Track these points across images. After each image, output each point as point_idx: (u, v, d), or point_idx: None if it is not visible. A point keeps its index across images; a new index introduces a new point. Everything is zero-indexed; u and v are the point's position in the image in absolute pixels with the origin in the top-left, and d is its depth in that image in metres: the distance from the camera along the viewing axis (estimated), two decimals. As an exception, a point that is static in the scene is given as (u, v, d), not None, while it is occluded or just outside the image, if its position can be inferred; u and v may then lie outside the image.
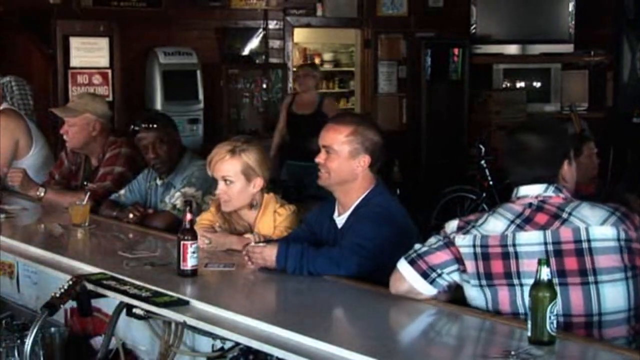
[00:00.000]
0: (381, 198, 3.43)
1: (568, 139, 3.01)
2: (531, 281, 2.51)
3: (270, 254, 3.29)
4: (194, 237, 3.29)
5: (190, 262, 3.27)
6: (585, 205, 2.79)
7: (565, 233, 2.74)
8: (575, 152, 3.04)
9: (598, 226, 2.72)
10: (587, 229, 2.72)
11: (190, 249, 3.27)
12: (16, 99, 6.62)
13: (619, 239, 2.71)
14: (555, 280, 2.56)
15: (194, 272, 3.27)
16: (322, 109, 7.75)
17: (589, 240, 2.72)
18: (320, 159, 3.42)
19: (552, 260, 2.68)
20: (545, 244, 2.75)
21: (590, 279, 2.71)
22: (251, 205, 3.79)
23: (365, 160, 3.39)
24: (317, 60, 12.15)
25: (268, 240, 3.49)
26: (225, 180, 3.74)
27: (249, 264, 3.38)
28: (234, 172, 3.73)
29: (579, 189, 3.17)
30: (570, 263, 2.72)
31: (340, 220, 3.47)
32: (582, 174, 3.87)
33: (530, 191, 2.85)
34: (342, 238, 3.36)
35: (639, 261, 2.73)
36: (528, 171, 2.86)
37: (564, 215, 2.77)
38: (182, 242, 3.27)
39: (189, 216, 3.31)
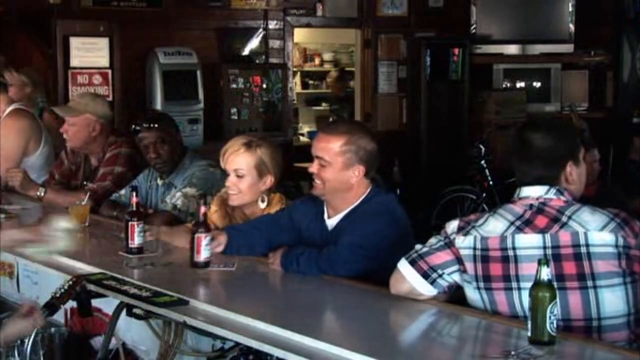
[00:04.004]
0: (378, 198, 3.40)
1: (573, 141, 2.91)
2: (530, 284, 2.51)
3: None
4: (208, 229, 3.38)
5: (203, 255, 3.36)
6: (585, 209, 2.77)
7: (564, 237, 2.73)
8: None
9: (597, 231, 2.71)
10: (585, 234, 2.71)
11: (204, 242, 3.35)
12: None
13: (617, 245, 2.70)
14: (554, 285, 2.54)
15: (206, 264, 3.36)
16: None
17: (587, 245, 2.70)
18: (313, 169, 3.38)
19: (551, 264, 2.64)
20: (545, 247, 2.74)
21: (589, 283, 2.70)
22: (262, 201, 3.79)
23: (359, 170, 3.34)
24: (317, 61, 12.15)
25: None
26: (238, 174, 3.74)
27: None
28: (248, 166, 3.74)
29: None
30: (569, 267, 2.71)
31: (331, 222, 3.45)
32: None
33: (532, 192, 2.84)
34: (337, 239, 3.33)
35: (637, 267, 2.71)
36: (530, 169, 2.85)
37: (564, 219, 2.76)
38: (196, 235, 3.34)
39: (202, 209, 3.38)
